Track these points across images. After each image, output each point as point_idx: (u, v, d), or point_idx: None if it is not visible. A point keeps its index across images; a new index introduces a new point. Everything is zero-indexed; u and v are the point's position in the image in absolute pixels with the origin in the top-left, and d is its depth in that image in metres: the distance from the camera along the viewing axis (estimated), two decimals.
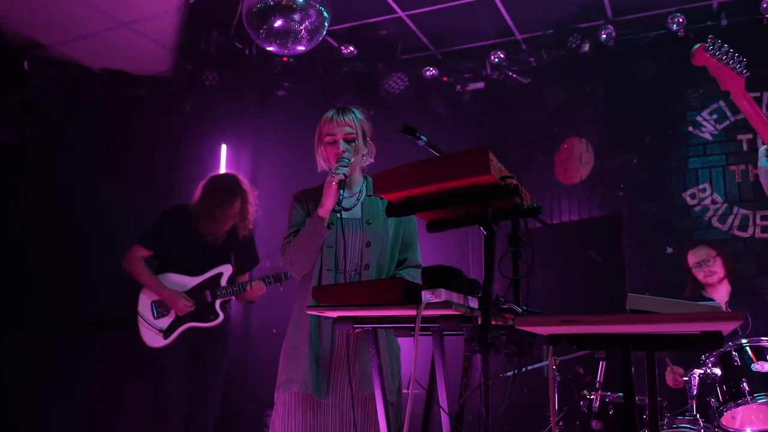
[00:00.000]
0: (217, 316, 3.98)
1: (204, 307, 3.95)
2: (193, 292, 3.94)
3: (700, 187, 5.02)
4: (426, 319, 1.93)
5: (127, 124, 5.10)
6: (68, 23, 4.66)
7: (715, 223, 4.92)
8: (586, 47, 5.25)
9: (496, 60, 5.49)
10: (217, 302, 3.98)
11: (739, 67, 2.13)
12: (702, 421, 3.13)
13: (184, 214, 4.01)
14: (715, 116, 5.06)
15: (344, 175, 2.53)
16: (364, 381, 2.49)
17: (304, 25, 3.71)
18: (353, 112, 2.72)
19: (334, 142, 2.64)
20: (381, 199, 2.67)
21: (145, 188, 4.92)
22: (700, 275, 3.92)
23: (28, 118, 4.98)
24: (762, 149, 2.20)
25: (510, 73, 5.74)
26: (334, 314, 1.95)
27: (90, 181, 4.89)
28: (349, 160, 2.59)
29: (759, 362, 3.12)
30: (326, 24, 3.81)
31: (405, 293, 1.81)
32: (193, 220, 3.97)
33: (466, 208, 2.01)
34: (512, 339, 2.04)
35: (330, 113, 2.70)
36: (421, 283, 2.05)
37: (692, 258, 3.97)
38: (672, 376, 3.66)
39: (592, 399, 3.50)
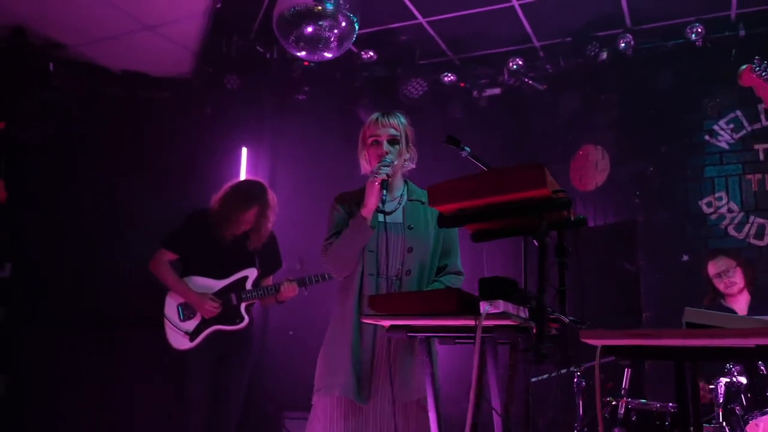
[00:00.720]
0: (242, 319, 4.01)
1: (230, 310, 3.98)
2: (219, 295, 3.97)
3: (717, 195, 5.07)
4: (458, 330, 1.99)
5: (145, 126, 5.14)
6: (92, 25, 4.70)
7: (732, 232, 4.97)
8: (604, 55, 5.29)
9: (515, 67, 5.54)
10: (243, 305, 4.02)
11: None
12: (727, 429, 3.18)
13: (206, 217, 4.05)
14: (731, 126, 5.11)
15: (387, 174, 2.54)
16: (405, 387, 2.50)
17: (333, 32, 3.74)
18: (398, 116, 2.74)
19: (378, 143, 2.66)
20: (422, 204, 2.71)
21: (163, 190, 4.96)
22: (720, 285, 3.97)
23: (45, 119, 5.03)
24: None
25: (526, 80, 5.78)
26: (387, 323, 1.98)
27: (106, 183, 4.93)
28: (392, 161, 2.61)
29: None
30: (355, 31, 3.84)
31: (461, 304, 1.85)
32: (214, 222, 4.00)
33: (514, 219, 2.05)
34: (558, 348, 2.09)
35: (375, 116, 2.73)
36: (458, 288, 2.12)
37: (712, 268, 4.02)
38: (701, 392, 3.64)
39: (616, 405, 3.54)
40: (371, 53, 5.42)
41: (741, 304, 3.96)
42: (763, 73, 2.15)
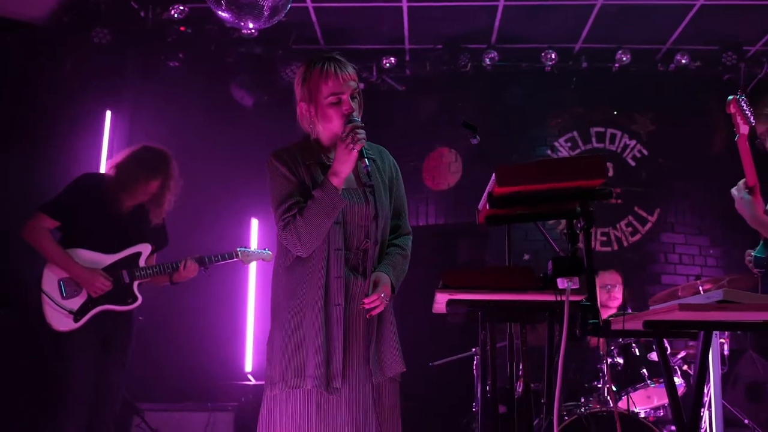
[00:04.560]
0: (135, 298, 3.64)
1: (121, 288, 3.58)
2: (108, 272, 3.55)
3: None
4: (527, 306, 2.13)
5: None
6: None
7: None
8: (468, 67, 5.73)
9: (387, 65, 5.73)
10: (135, 284, 3.64)
11: (750, 117, 2.62)
12: (611, 402, 3.69)
13: (99, 183, 3.62)
14: (569, 144, 5.87)
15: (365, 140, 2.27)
16: (379, 367, 2.37)
17: (269, 1, 3.60)
18: (349, 64, 2.42)
19: (340, 102, 2.33)
20: (374, 161, 2.47)
21: (14, 154, 4.27)
22: (603, 296, 4.33)
23: None
24: (741, 183, 2.71)
25: (387, 79, 6.03)
26: (455, 296, 2.03)
27: None
28: (360, 121, 2.31)
29: (651, 353, 3.77)
30: (289, 5, 3.73)
31: (538, 280, 1.98)
32: (109, 190, 3.59)
33: (551, 205, 2.24)
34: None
35: (327, 66, 2.35)
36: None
37: (601, 280, 4.31)
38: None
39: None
40: (252, 29, 5.21)
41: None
42: (741, 104, 2.59)
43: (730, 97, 2.59)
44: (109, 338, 3.59)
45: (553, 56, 5.62)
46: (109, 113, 4.71)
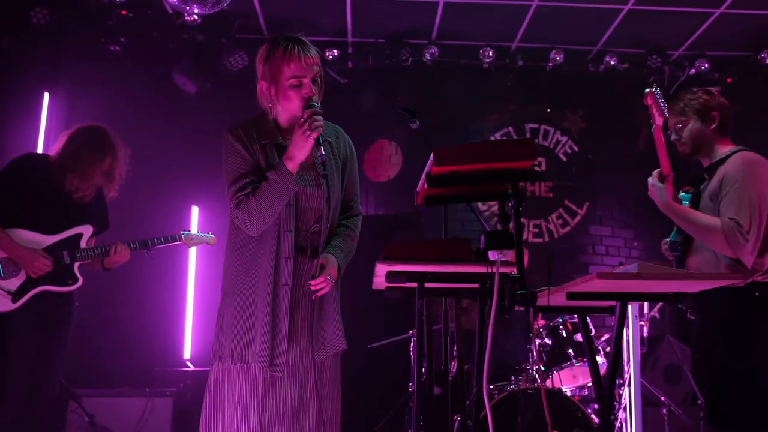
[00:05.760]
0: (76, 280, 3.62)
1: (61, 269, 3.57)
2: (49, 252, 3.53)
3: None
4: (462, 277, 2.28)
5: None
6: None
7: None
8: (409, 61, 5.88)
9: (330, 57, 5.82)
10: (76, 265, 3.63)
11: (664, 109, 2.83)
12: (539, 380, 3.89)
13: (42, 164, 3.59)
14: (505, 138, 6.09)
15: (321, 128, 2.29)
16: (321, 345, 2.47)
17: None
18: (313, 47, 2.40)
19: (300, 85, 2.35)
20: (329, 143, 2.52)
21: None
22: None
23: None
24: (656, 172, 2.92)
25: (330, 71, 6.12)
26: (396, 268, 2.15)
27: None
28: (320, 107, 2.34)
29: (577, 334, 4.00)
30: None
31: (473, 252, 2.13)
32: (54, 173, 3.57)
33: (485, 186, 2.40)
34: None
35: (291, 48, 2.34)
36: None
37: None
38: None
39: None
40: (196, 16, 5.22)
41: None
42: (657, 97, 2.80)
43: (647, 90, 2.81)
44: (49, 319, 3.57)
45: (490, 54, 5.84)
46: (47, 95, 4.65)
